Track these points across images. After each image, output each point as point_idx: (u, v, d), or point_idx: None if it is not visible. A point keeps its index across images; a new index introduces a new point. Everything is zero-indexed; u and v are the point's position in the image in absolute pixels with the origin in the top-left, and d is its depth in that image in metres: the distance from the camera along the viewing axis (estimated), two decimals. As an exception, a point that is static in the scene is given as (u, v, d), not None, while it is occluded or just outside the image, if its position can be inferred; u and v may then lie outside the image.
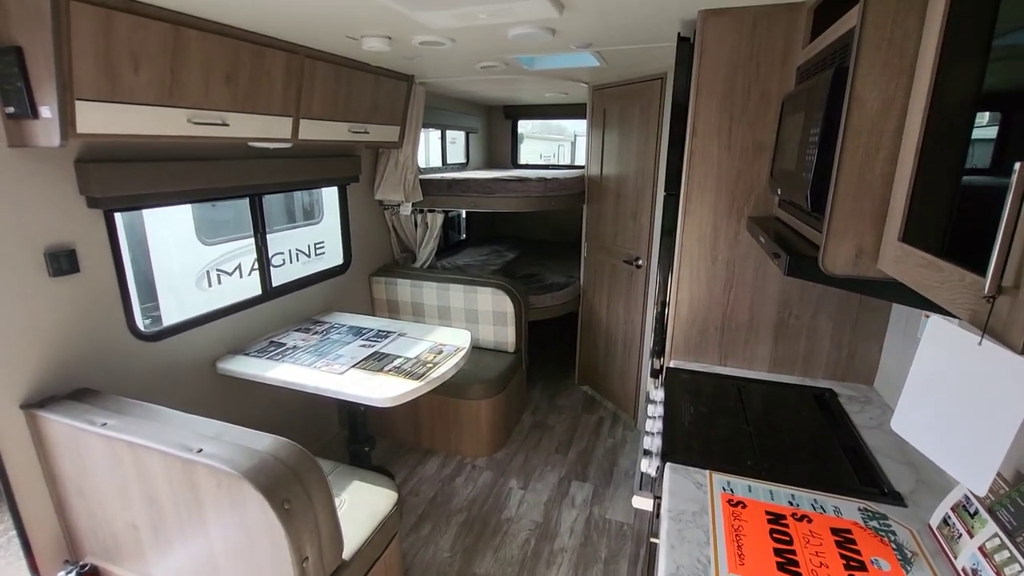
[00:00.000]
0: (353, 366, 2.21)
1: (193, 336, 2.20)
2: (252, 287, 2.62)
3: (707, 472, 1.28)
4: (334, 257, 3.29)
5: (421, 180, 3.32)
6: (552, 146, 14.89)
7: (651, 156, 2.89)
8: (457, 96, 4.20)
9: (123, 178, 1.78)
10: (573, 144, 14.02)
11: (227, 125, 1.91)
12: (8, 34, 1.38)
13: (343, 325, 2.73)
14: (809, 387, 1.76)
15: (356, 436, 2.55)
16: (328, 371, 2.17)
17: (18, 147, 1.52)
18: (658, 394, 1.81)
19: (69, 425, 1.53)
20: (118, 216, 1.88)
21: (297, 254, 4.49)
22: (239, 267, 3.87)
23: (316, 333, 2.62)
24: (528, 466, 2.89)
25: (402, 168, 3.18)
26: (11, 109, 1.45)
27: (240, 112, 1.95)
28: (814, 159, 1.08)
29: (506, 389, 2.99)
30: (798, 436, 1.50)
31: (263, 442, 1.43)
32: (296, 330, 2.66)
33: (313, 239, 4.63)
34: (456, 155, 4.93)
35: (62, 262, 1.67)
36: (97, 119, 1.50)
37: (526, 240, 5.23)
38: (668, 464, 1.32)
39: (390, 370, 2.18)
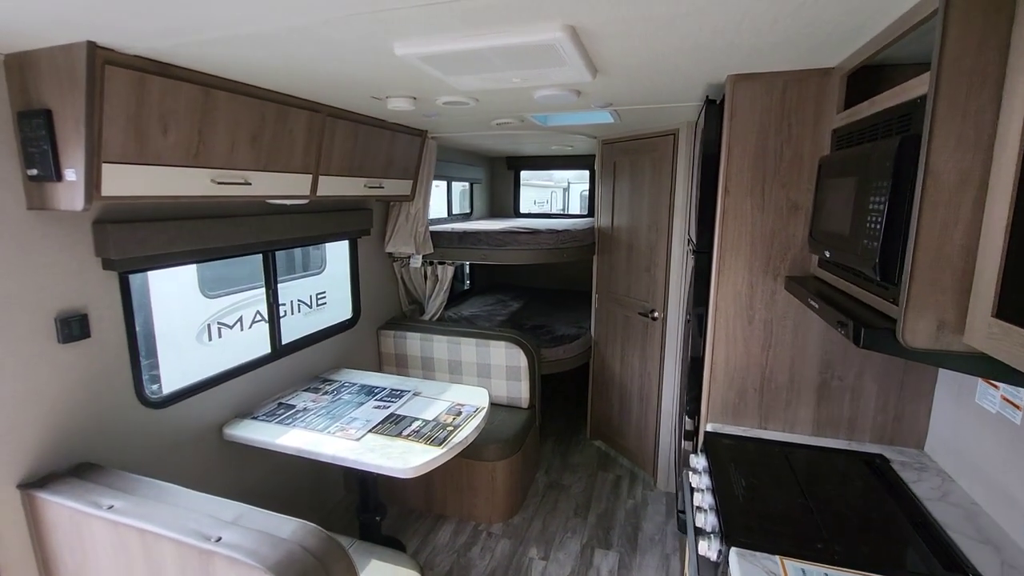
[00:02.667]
0: (370, 431, 2.10)
1: (200, 401, 2.08)
2: (253, 340, 2.52)
3: (777, 559, 1.18)
4: (337, 307, 3.20)
5: (431, 232, 3.30)
6: (545, 193, 15.18)
7: (664, 210, 2.90)
8: (463, 148, 4.26)
9: (141, 239, 1.72)
10: (566, 191, 14.34)
11: (249, 184, 1.87)
12: (39, 97, 1.35)
13: (354, 383, 2.63)
14: (858, 452, 1.69)
15: (367, 505, 2.40)
16: (344, 436, 2.05)
17: (37, 209, 1.46)
18: (699, 461, 1.72)
19: (71, 508, 1.39)
20: (131, 278, 1.80)
21: (299, 305, 4.40)
22: (240, 319, 3.77)
23: (326, 393, 2.50)
24: (547, 532, 2.73)
25: (413, 221, 3.16)
26: (34, 171, 1.40)
27: (263, 171, 1.92)
28: (880, 228, 1.05)
29: (522, 449, 2.86)
30: (861, 510, 1.42)
31: (287, 528, 1.31)
32: (305, 390, 2.54)
33: (315, 289, 4.56)
34: (460, 205, 4.95)
35: (73, 327, 1.58)
36: (123, 182, 1.45)
37: (530, 289, 5.19)
38: (733, 549, 1.22)
39: (409, 435, 2.07)
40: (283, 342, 2.56)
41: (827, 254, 1.39)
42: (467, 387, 2.57)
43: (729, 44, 1.37)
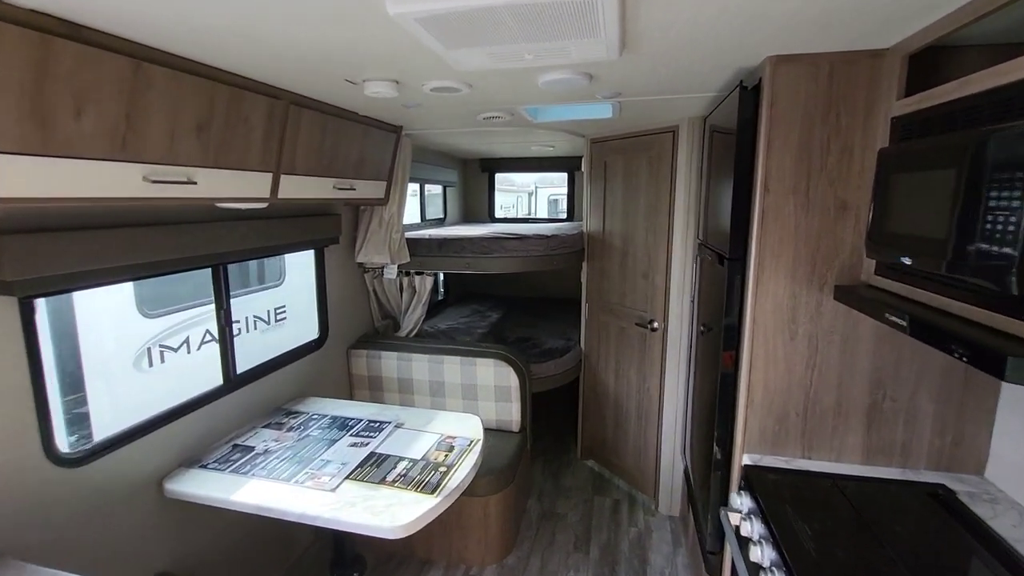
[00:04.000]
0: (347, 477, 1.76)
1: (134, 451, 1.70)
2: (202, 364, 2.14)
3: (889, 641, 0.95)
4: (298, 323, 2.83)
5: (407, 239, 2.98)
6: (511, 198, 14.98)
7: (664, 212, 2.69)
8: (437, 148, 3.95)
9: (49, 255, 1.35)
10: (532, 195, 14.18)
11: (194, 184, 1.52)
12: None
13: (323, 415, 2.27)
14: (916, 483, 1.50)
15: (342, 558, 2.06)
16: (315, 486, 1.71)
17: None
18: (743, 502, 1.49)
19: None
20: (40, 303, 1.42)
21: (255, 321, 3.96)
22: (187, 341, 3.31)
23: (291, 429, 2.14)
24: (547, 572, 2.45)
25: (387, 227, 2.84)
26: None
27: (211, 168, 1.57)
28: (1017, 230, 0.84)
29: (515, 479, 2.58)
30: (949, 557, 1.21)
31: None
32: (266, 426, 2.17)
33: (273, 303, 4.13)
34: (433, 210, 4.63)
35: (-51, 374, 1.19)
36: (19, 179, 1.09)
37: (508, 299, 4.91)
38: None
39: (396, 480, 1.75)
40: (238, 370, 2.18)
41: (905, 261, 1.18)
42: (456, 414, 2.27)
43: (783, 14, 1.15)
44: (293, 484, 1.73)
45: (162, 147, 1.40)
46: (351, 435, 2.08)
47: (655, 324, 2.80)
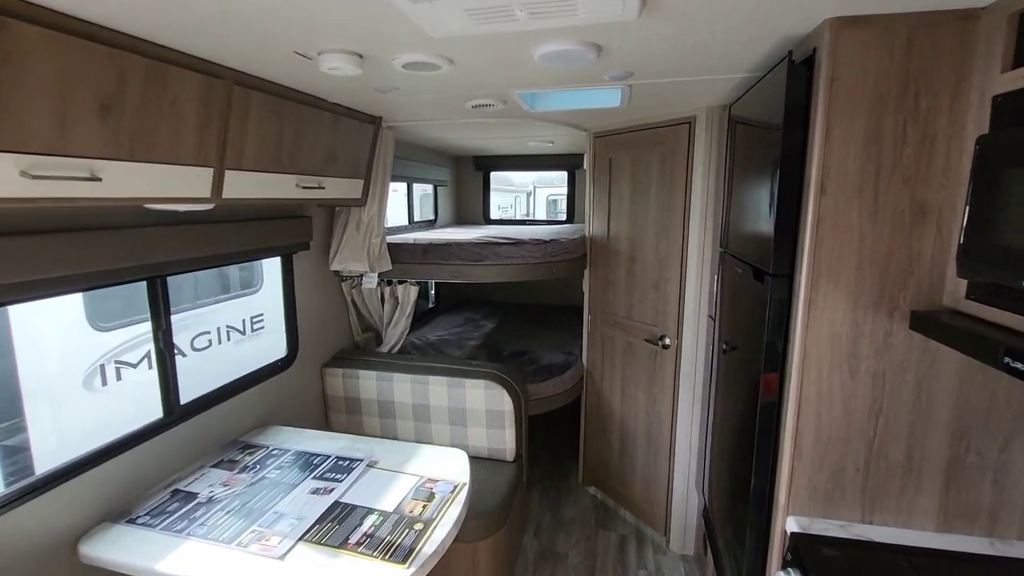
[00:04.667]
0: (301, 538, 1.45)
1: (43, 504, 1.38)
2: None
3: None
4: (277, 334, 2.52)
5: (389, 244, 2.66)
6: (508, 198, 14.64)
7: (677, 215, 2.38)
8: (426, 144, 3.64)
9: None
10: (530, 196, 13.87)
11: (99, 180, 1.20)
12: None
13: (286, 451, 1.96)
14: (1009, 559, 1.19)
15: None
16: (261, 551, 1.39)
17: None
18: (793, 584, 1.18)
19: None
20: None
21: (228, 332, 3.65)
22: (148, 356, 3.00)
23: (246, 469, 1.83)
24: (545, 627, 2.14)
25: (366, 230, 2.52)
26: None
27: (124, 161, 1.25)
28: None
29: (508, 519, 2.26)
30: None
31: None
32: (216, 465, 1.86)
33: (250, 312, 3.81)
34: (422, 211, 4.31)
35: None
36: None
37: (504, 306, 4.60)
38: None
39: (360, 542, 1.43)
40: (182, 401, 1.86)
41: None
42: (439, 450, 1.96)
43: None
44: (235, 548, 1.41)
45: (48, 133, 1.08)
46: (314, 478, 1.76)
47: (667, 340, 2.49)
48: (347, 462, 1.86)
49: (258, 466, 1.85)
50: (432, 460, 1.88)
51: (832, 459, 1.29)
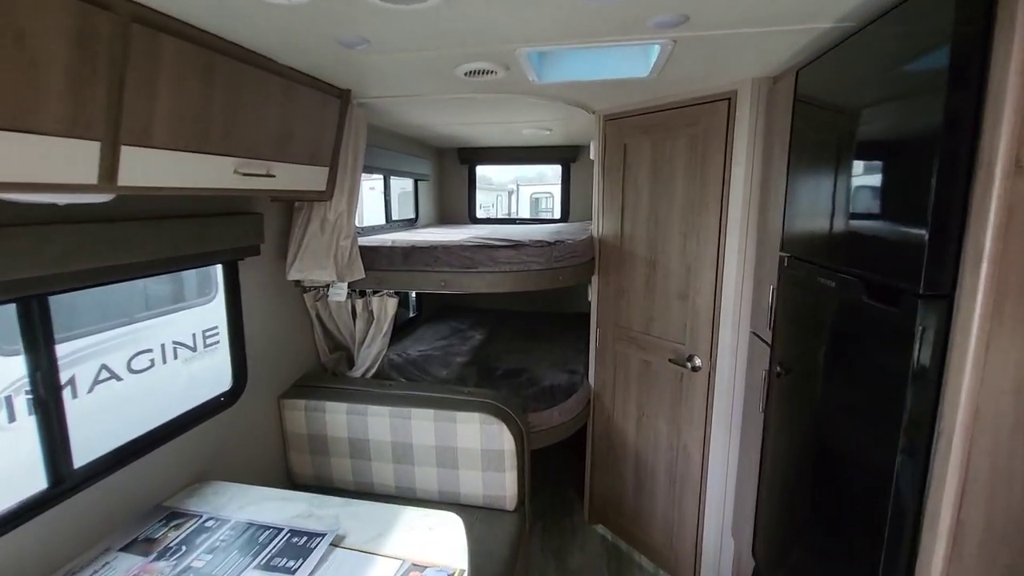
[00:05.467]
0: None
1: None
2: (94, 411, 1.37)
3: None
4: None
5: (362, 247, 2.20)
6: (490, 196, 14.17)
7: (711, 211, 1.98)
8: (404, 132, 3.18)
9: None
10: (512, 194, 13.45)
11: None
12: None
13: (224, 521, 1.49)
14: None
15: None
16: None
17: None
18: None
19: None
20: None
21: (175, 349, 3.13)
22: (72, 381, 2.48)
23: (167, 553, 1.35)
24: None
25: (333, 231, 2.06)
26: None
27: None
28: None
29: (512, 584, 1.83)
30: None
31: None
32: (126, 547, 1.38)
33: (203, 324, 3.29)
34: (401, 209, 3.85)
35: None
36: None
37: (494, 313, 4.16)
38: None
39: None
40: (75, 465, 1.38)
41: None
42: (425, 514, 1.51)
43: None
44: None
45: None
46: (259, 567, 1.30)
47: (697, 362, 2.09)
48: (305, 538, 1.40)
49: (184, 547, 1.38)
50: (418, 531, 1.43)
51: (1004, 557, 0.89)
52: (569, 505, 2.94)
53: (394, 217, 3.67)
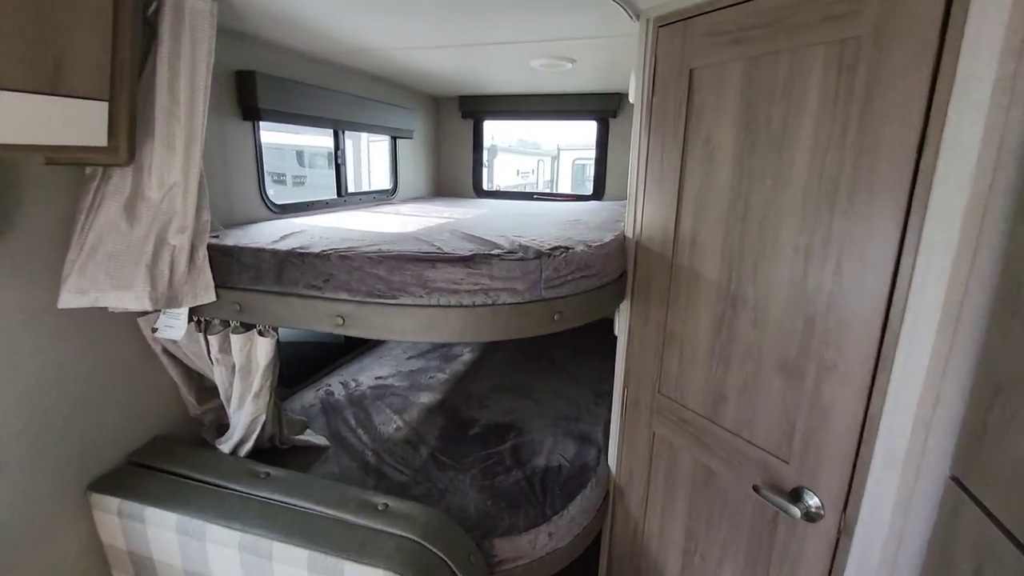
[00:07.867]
0: None
1: None
2: None
3: None
4: None
5: (216, 249, 1.28)
6: (531, 161, 12.92)
7: (882, 203, 0.91)
8: (372, 69, 2.20)
9: None
10: (555, 159, 12.21)
11: None
12: None
13: None
14: None
15: None
16: None
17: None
18: None
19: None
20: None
21: None
22: None
23: None
24: None
25: (153, 220, 1.14)
26: None
27: None
28: None
29: None
30: None
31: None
32: None
33: None
34: (379, 179, 2.89)
35: None
36: None
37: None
38: None
39: None
40: None
41: None
42: None
43: None
44: None
45: None
46: None
47: (812, 502, 1.06)
48: None
49: None
50: None
51: None
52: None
53: (364, 187, 2.72)
